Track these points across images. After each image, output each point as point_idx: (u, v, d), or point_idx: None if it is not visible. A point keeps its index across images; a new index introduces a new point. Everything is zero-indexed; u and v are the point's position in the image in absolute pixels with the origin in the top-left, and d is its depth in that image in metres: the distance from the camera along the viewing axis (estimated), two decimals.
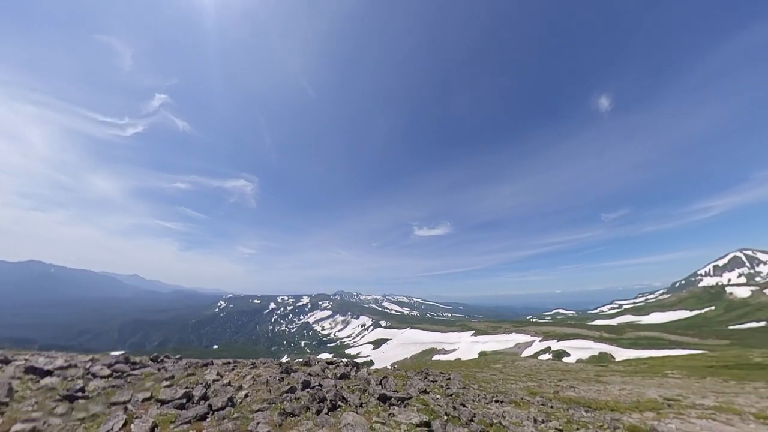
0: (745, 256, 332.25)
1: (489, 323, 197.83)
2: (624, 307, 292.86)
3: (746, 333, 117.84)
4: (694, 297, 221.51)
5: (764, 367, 27.25)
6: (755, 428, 10.57)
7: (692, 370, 27.32)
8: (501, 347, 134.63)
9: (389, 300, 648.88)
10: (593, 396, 16.86)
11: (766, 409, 12.69)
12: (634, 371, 28.26)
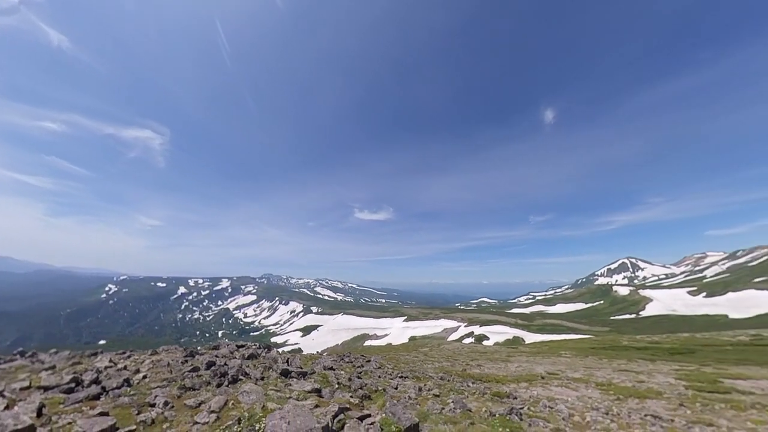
0: (630, 262, 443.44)
1: (421, 310, 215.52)
2: (537, 298, 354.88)
3: (622, 322, 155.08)
4: (590, 292, 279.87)
5: (629, 349, 36.49)
6: (590, 392, 14.57)
7: (579, 351, 34.85)
8: (430, 332, 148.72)
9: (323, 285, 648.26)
10: (492, 372, 20.50)
11: (612, 379, 17.08)
12: (537, 352, 34.60)
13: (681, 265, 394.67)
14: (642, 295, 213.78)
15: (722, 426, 9.44)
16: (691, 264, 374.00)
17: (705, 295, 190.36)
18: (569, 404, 12.24)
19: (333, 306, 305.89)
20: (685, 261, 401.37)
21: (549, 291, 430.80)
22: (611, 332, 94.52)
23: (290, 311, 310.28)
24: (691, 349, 33.71)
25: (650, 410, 10.90)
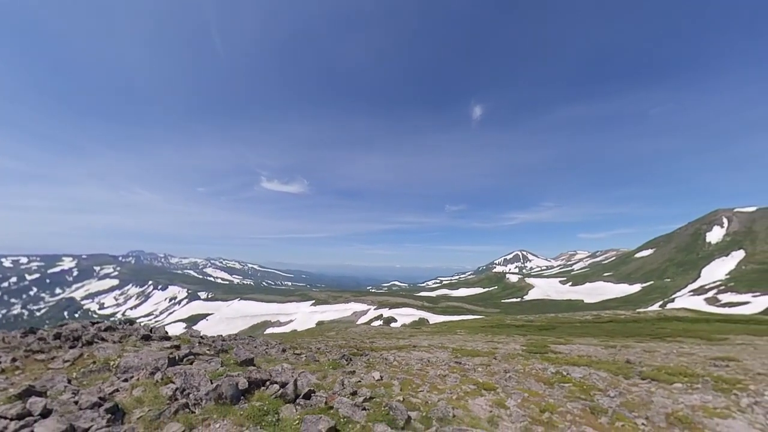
0: (521, 254, 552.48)
1: (330, 293, 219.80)
2: (443, 283, 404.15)
3: (509, 305, 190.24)
4: (488, 279, 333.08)
5: (510, 326, 45.89)
6: (440, 354, 18.15)
7: (471, 329, 41.99)
8: (339, 316, 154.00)
9: (215, 266, 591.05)
10: (377, 345, 23.80)
11: (469, 347, 21.89)
12: (437, 331, 40.16)
13: (558, 260, 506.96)
14: (527, 282, 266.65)
15: (497, 365, 14.09)
16: (565, 259, 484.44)
17: (571, 284, 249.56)
18: (407, 359, 15.81)
19: (228, 290, 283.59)
20: (561, 256, 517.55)
21: (454, 276, 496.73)
22: (500, 313, 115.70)
23: (169, 298, 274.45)
24: (553, 325, 44.61)
25: (466, 361, 15.11)
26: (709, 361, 15.74)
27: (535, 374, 12.23)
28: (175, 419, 5.40)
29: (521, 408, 8.46)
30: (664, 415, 8.04)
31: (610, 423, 7.66)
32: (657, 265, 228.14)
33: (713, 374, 11.85)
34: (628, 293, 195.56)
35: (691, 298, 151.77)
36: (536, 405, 8.62)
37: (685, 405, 8.80)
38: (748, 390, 9.88)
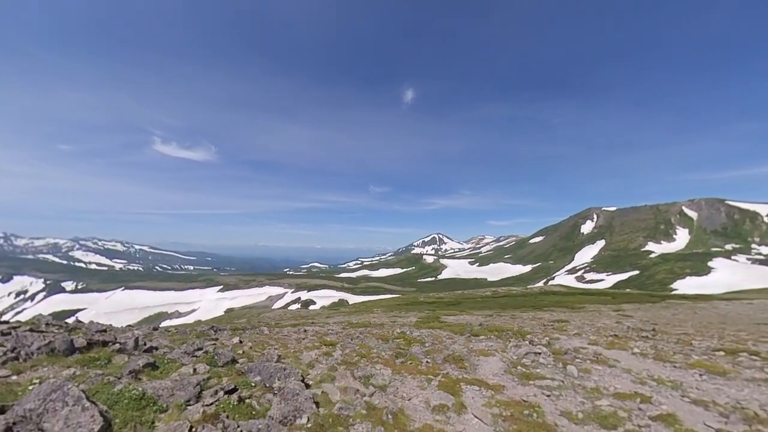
0: (438, 237, 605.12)
1: (241, 277, 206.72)
2: (364, 264, 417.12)
3: (425, 284, 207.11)
4: (407, 260, 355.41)
5: (422, 303, 50.84)
6: (333, 326, 19.91)
7: (387, 307, 45.24)
8: (252, 301, 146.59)
9: (87, 248, 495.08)
10: (283, 324, 24.95)
11: (371, 320, 24.47)
12: (354, 311, 42.17)
13: (469, 243, 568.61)
14: (441, 263, 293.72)
15: (366, 331, 16.42)
16: (475, 242, 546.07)
17: (478, 264, 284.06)
18: (292, 332, 17.63)
19: (106, 279, 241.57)
20: (472, 240, 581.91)
21: (375, 257, 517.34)
22: (416, 292, 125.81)
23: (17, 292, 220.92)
24: (459, 301, 51.00)
25: (351, 330, 17.37)
26: (549, 323, 20.62)
27: (382, 335, 14.63)
28: (3, 367, 5.90)
29: (342, 356, 10.60)
30: (446, 355, 10.90)
31: (402, 362, 10.14)
32: (544, 249, 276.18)
33: (522, 330, 16.12)
34: (522, 272, 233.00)
35: (566, 276, 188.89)
36: (357, 353, 10.78)
37: (468, 349, 11.91)
38: (525, 338, 13.76)
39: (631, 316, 28.64)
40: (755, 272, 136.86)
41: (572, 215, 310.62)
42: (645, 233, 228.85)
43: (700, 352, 11.78)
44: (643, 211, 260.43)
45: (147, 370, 6.93)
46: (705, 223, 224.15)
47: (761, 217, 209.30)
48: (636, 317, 27.29)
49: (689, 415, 6.70)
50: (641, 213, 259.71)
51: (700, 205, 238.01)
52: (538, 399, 7.51)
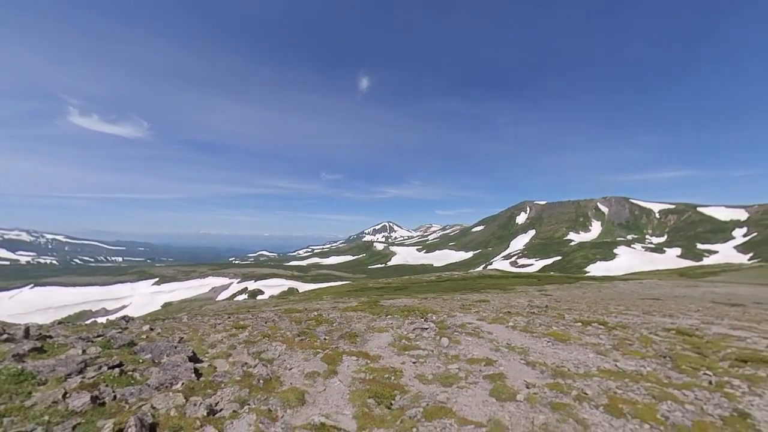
0: (388, 225, 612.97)
1: (180, 268, 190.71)
2: (315, 251, 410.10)
3: (375, 270, 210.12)
4: (357, 247, 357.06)
5: (372, 289, 51.89)
6: (269, 315, 20.12)
7: (337, 294, 45.46)
8: (193, 294, 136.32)
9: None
10: (230, 312, 24.69)
11: (314, 306, 24.82)
12: (304, 299, 41.70)
13: (418, 231, 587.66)
14: (391, 250, 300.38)
15: (291, 317, 16.78)
16: (423, 230, 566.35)
17: (425, 251, 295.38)
18: (219, 321, 17.92)
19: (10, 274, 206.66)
20: (420, 228, 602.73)
21: (326, 245, 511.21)
22: (366, 278, 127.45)
23: None
24: (406, 286, 53.10)
25: (283, 316, 17.79)
26: (473, 303, 22.83)
27: (297, 318, 15.10)
28: None
29: (247, 336, 10.91)
30: (344, 333, 11.63)
31: (301, 340, 10.61)
32: (484, 237, 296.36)
33: (427, 308, 17.71)
34: (464, 258, 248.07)
35: (502, 261, 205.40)
36: (263, 334, 11.19)
37: (369, 327, 12.78)
38: (426, 316, 14.85)
39: (551, 294, 32.50)
40: (647, 258, 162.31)
41: (509, 207, 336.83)
42: (567, 224, 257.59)
43: (563, 324, 13.74)
44: (567, 206, 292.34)
45: (33, 353, 6.90)
46: (613, 217, 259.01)
47: (654, 213, 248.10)
48: (554, 296, 31.06)
49: (516, 373, 7.90)
50: (565, 207, 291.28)
51: (611, 202, 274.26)
52: (404, 366, 8.42)
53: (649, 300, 28.66)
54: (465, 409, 6.17)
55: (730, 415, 6.03)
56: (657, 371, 8.19)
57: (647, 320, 15.91)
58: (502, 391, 6.68)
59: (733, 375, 7.89)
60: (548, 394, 6.69)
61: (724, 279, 61.35)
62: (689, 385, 7.22)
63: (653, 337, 11.60)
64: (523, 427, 5.58)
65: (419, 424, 5.58)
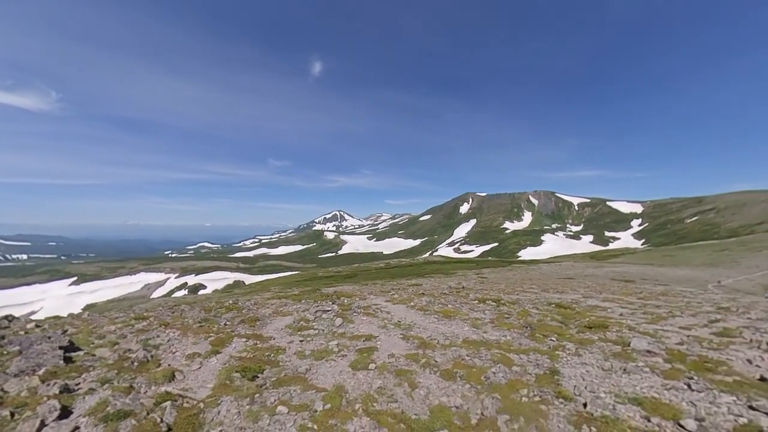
0: (339, 214, 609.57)
1: (105, 264, 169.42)
2: (262, 241, 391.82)
3: (326, 259, 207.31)
4: (307, 236, 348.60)
5: (321, 278, 51.77)
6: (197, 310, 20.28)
7: (285, 285, 44.46)
8: (122, 293, 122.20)
9: None
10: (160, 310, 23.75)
11: (272, 297, 24.49)
12: (250, 291, 40.08)
13: (368, 220, 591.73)
14: (341, 239, 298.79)
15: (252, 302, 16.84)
16: (373, 220, 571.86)
17: (375, 240, 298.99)
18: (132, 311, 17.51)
19: None
20: (371, 217, 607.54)
21: (275, 235, 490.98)
22: (316, 267, 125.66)
23: None
24: (356, 273, 53.79)
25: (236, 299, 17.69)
26: (407, 286, 24.10)
27: (208, 306, 14.93)
28: None
29: (144, 326, 10.71)
30: (247, 317, 11.61)
31: (200, 326, 10.44)
32: (431, 226, 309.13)
33: (341, 293, 18.55)
34: (412, 246, 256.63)
35: (447, 248, 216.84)
36: (162, 323, 10.87)
37: (275, 311, 12.88)
38: (338, 299, 15.15)
39: (486, 277, 35.55)
40: (567, 243, 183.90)
41: (454, 198, 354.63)
42: (504, 214, 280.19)
43: (463, 302, 14.72)
44: (504, 198, 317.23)
45: None
46: (542, 208, 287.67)
47: (574, 206, 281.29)
48: (489, 278, 34.06)
49: (389, 346, 8.33)
50: (502, 199, 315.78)
51: (540, 196, 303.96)
52: (291, 344, 8.60)
53: (563, 279, 32.88)
54: (319, 378, 6.67)
55: (544, 373, 6.74)
56: (513, 340, 9.06)
57: (541, 296, 18.02)
58: (362, 361, 7.24)
59: (572, 339, 8.92)
60: (401, 362, 7.30)
61: (623, 260, 72.26)
62: (529, 350, 8.06)
63: (533, 310, 13.11)
64: (361, 390, 6.05)
65: (265, 390, 5.99)
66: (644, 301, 17.07)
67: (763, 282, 38.31)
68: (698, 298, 19.02)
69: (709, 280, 37.88)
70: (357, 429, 4.97)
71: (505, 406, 5.53)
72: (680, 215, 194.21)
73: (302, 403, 5.63)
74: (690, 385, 6.09)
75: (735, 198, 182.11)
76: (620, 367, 7.03)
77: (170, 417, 4.97)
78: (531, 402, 5.66)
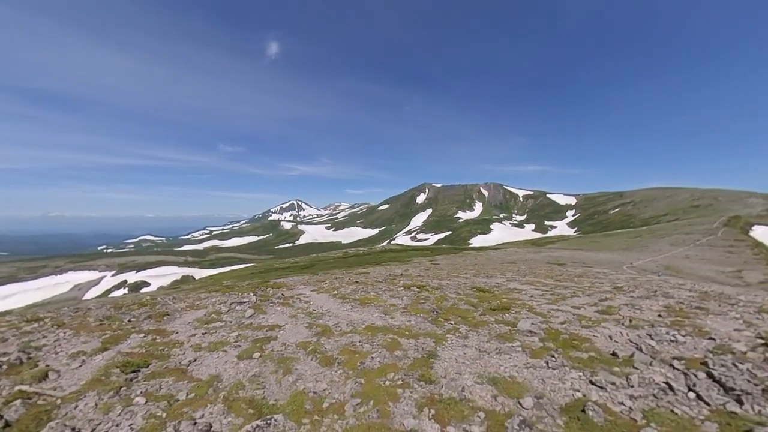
0: (297, 203, 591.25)
1: (22, 264, 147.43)
2: (213, 233, 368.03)
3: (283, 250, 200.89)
4: (263, 227, 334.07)
5: (278, 269, 50.40)
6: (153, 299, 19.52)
7: (240, 278, 42.66)
8: (46, 296, 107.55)
9: None
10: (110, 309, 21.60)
11: (201, 291, 23.84)
12: (201, 287, 37.72)
13: (327, 209, 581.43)
14: (299, 229, 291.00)
15: None
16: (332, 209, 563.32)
17: (334, 229, 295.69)
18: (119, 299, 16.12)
19: None
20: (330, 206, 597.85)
21: (227, 225, 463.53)
22: (274, 259, 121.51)
23: None
24: (313, 263, 53.12)
25: None
26: (357, 274, 24.60)
27: (119, 303, 14.01)
28: None
29: (37, 327, 9.87)
30: (154, 313, 11.13)
31: (99, 324, 9.91)
32: (389, 215, 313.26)
33: (267, 283, 18.10)
34: (371, 235, 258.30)
35: (404, 237, 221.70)
36: (57, 323, 10.17)
37: (191, 305, 12.45)
38: (260, 290, 14.70)
39: (439, 263, 37.23)
40: (513, 232, 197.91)
41: (411, 188, 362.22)
42: (457, 205, 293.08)
43: (387, 289, 14.67)
44: (457, 189, 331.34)
45: None
46: (491, 199, 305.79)
47: (519, 197, 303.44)
48: (441, 264, 35.70)
49: (290, 335, 8.30)
50: (456, 190, 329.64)
51: (489, 187, 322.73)
52: (193, 338, 8.27)
53: (506, 263, 35.58)
54: (201, 368, 6.55)
55: (422, 357, 6.75)
56: (415, 324, 9.07)
57: (471, 281, 18.35)
58: (251, 351, 7.16)
59: (470, 322, 9.05)
60: (290, 351, 7.29)
61: (558, 246, 79.81)
62: (422, 334, 8.15)
63: (452, 295, 13.31)
64: (235, 379, 6.03)
65: (135, 383, 5.83)
66: (559, 282, 17.70)
67: (664, 263, 44.95)
68: (608, 278, 20.94)
69: (624, 262, 43.49)
70: (206, 415, 5.00)
71: (363, 391, 5.57)
72: (605, 207, 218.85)
73: (166, 394, 5.54)
74: (548, 363, 6.36)
75: (647, 193, 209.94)
76: (496, 348, 7.25)
77: (14, 414, 4.86)
78: (392, 386, 5.69)
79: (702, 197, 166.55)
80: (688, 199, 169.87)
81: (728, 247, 61.53)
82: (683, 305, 11.16)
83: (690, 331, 8.09)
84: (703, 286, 18.35)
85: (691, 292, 14.22)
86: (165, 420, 4.87)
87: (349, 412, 5.06)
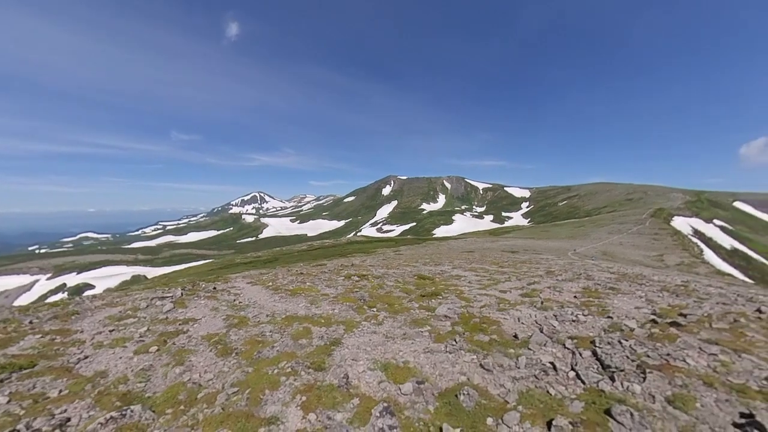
0: (259, 195, 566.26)
1: None
2: (167, 228, 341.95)
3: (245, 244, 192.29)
4: (223, 220, 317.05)
5: (239, 264, 48.20)
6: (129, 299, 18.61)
7: (198, 275, 40.43)
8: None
9: None
10: None
11: (182, 285, 23.03)
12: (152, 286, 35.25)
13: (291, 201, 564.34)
14: (262, 222, 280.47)
15: None
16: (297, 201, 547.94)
17: (299, 222, 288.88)
18: None
19: None
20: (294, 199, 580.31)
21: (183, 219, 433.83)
22: (235, 254, 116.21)
23: None
24: (277, 257, 51.78)
25: None
26: (313, 266, 24.23)
27: (32, 307, 12.64)
28: None
29: None
30: (67, 312, 10.40)
31: (3, 327, 9.28)
32: (355, 207, 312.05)
33: (208, 278, 17.75)
34: (337, 227, 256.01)
35: (370, 228, 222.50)
36: None
37: (109, 302, 11.69)
38: (204, 284, 14.17)
39: (403, 253, 38.04)
40: (473, 222, 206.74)
41: (377, 180, 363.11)
42: (421, 197, 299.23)
43: (328, 280, 14.31)
44: (422, 181, 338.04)
45: None
46: (453, 192, 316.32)
47: (479, 190, 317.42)
48: (404, 254, 36.48)
49: (202, 328, 8.11)
50: (421, 182, 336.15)
51: (452, 180, 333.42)
52: (99, 335, 7.84)
53: (465, 252, 37.30)
54: (91, 365, 6.29)
55: (325, 344, 6.69)
56: (338, 313, 8.96)
57: (417, 269, 18.26)
58: (151, 346, 7.01)
59: (394, 310, 9.01)
60: (192, 343, 7.10)
61: (513, 235, 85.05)
62: (337, 322, 8.06)
63: (389, 283, 13.28)
64: (121, 374, 5.89)
65: (7, 384, 5.58)
66: (501, 269, 17.68)
67: (602, 249, 49.85)
68: (548, 263, 22.39)
69: (569, 249, 47.55)
70: (68, 410, 4.80)
71: (246, 380, 5.44)
72: (555, 200, 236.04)
73: (38, 393, 5.29)
74: (447, 347, 6.28)
75: (591, 188, 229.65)
76: (403, 333, 7.17)
77: None
78: (278, 374, 5.58)
79: (635, 192, 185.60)
80: (623, 194, 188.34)
81: (653, 235, 69.80)
82: (599, 286, 11.66)
83: (593, 311, 8.25)
84: (628, 268, 20.62)
85: (612, 274, 15.24)
86: (20, 417, 4.62)
87: (221, 401, 4.94)
